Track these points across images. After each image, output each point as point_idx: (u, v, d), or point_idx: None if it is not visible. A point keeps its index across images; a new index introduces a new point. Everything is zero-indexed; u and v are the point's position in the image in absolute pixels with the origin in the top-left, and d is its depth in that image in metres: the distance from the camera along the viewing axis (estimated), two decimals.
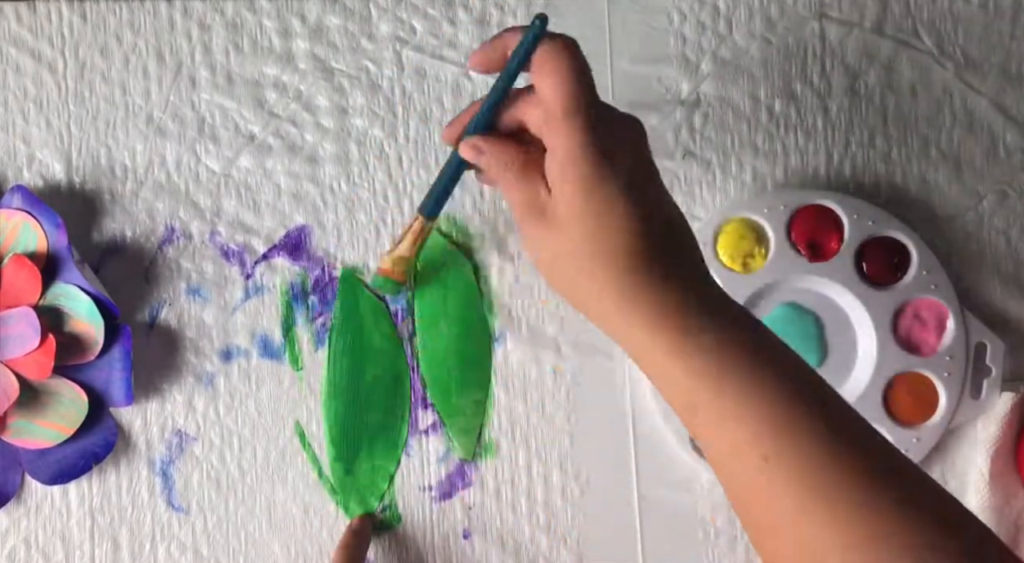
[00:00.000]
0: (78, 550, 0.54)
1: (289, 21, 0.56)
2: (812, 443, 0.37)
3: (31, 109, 0.55)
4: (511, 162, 0.40)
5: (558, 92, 0.38)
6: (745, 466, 0.38)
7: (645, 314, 0.39)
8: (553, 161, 0.39)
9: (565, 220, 0.39)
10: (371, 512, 0.55)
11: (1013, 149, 0.57)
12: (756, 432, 0.37)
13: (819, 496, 0.36)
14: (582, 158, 0.38)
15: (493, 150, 0.41)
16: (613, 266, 0.39)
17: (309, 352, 0.55)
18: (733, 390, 0.38)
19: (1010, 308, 0.57)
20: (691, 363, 0.39)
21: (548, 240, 0.40)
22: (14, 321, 0.52)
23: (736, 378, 0.38)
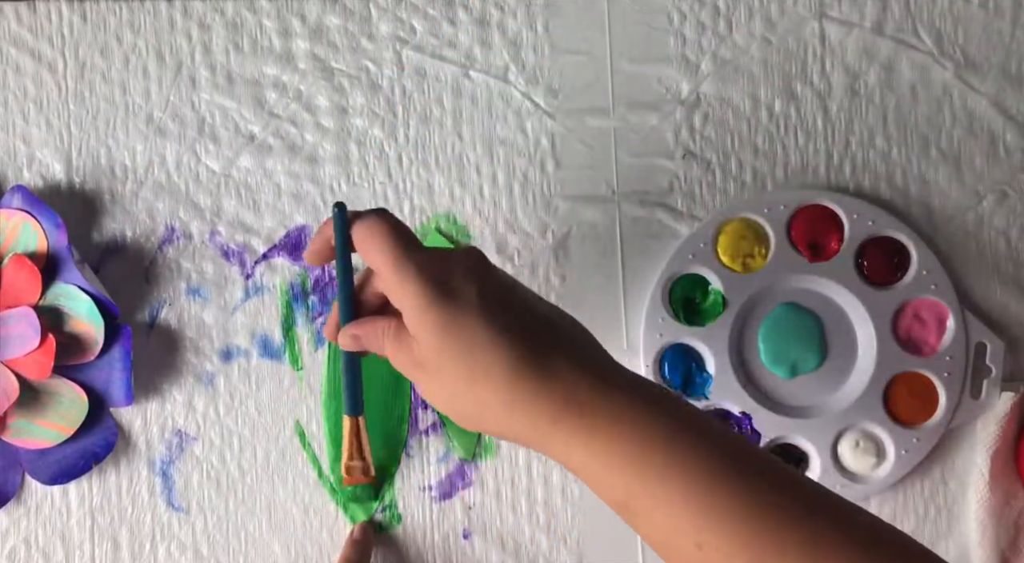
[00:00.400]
0: (78, 550, 0.54)
1: (289, 21, 0.56)
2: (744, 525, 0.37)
3: (31, 109, 0.55)
4: (383, 333, 0.43)
5: (380, 261, 0.41)
6: (685, 555, 0.38)
7: (543, 420, 0.39)
8: (407, 320, 0.41)
9: (436, 363, 0.40)
10: (370, 519, 0.55)
11: (1013, 149, 0.57)
12: (686, 521, 0.37)
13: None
14: (425, 307, 0.40)
15: (366, 332, 0.44)
16: (495, 386, 0.39)
17: (309, 352, 0.55)
18: (656, 479, 0.38)
19: (1010, 308, 0.57)
20: (605, 457, 0.39)
21: (435, 387, 0.41)
22: (14, 321, 0.52)
23: (658, 467, 0.38)
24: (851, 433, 0.55)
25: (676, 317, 0.55)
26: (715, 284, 0.55)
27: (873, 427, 0.55)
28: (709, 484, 0.37)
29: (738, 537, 0.36)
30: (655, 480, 0.38)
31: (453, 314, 0.40)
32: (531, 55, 0.57)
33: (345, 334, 0.45)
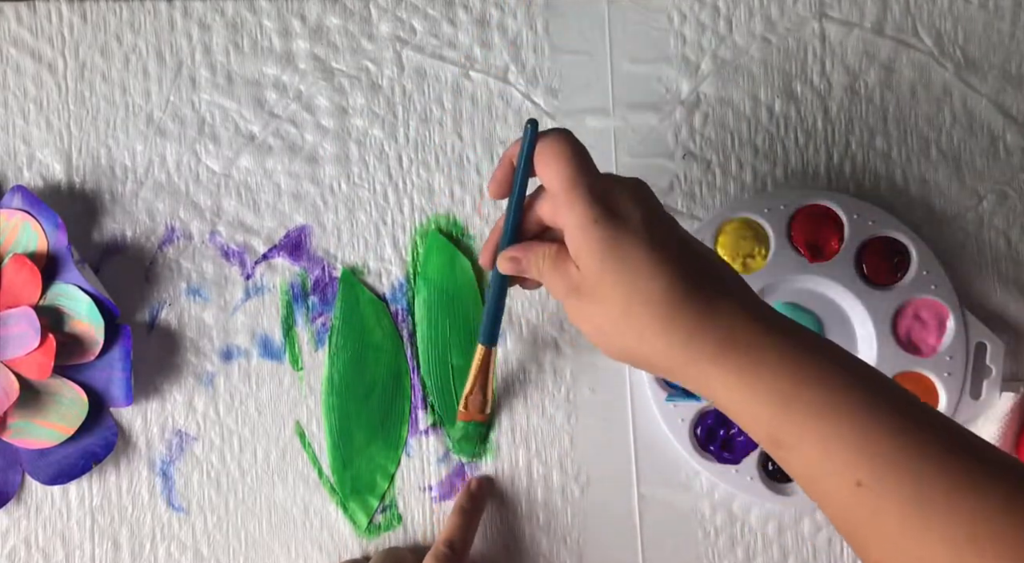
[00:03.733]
0: (78, 550, 0.54)
1: (289, 21, 0.56)
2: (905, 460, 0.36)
3: (31, 109, 0.55)
4: (543, 257, 0.43)
5: (557, 177, 0.41)
6: (840, 493, 0.37)
7: (703, 353, 0.39)
8: (569, 239, 0.41)
9: (594, 288, 0.41)
10: (370, 520, 0.55)
11: (1013, 149, 0.57)
12: (843, 458, 0.37)
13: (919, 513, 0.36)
14: (591, 226, 0.40)
15: (526, 255, 0.44)
16: (652, 315, 0.40)
17: (309, 352, 0.55)
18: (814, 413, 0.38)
19: (1010, 308, 0.56)
20: (765, 393, 0.39)
21: (588, 313, 0.42)
22: (14, 321, 0.52)
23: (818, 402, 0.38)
24: None
25: None
26: None
27: None
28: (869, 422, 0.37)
29: (896, 476, 0.36)
30: (815, 415, 0.38)
31: (618, 236, 0.40)
32: (531, 55, 0.57)
33: (505, 256, 0.45)
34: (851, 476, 0.37)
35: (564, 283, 0.42)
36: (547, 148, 0.42)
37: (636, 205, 0.41)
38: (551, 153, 0.42)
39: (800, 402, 0.38)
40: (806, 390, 0.38)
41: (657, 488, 0.55)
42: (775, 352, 0.39)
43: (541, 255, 0.43)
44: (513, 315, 0.55)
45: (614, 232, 0.40)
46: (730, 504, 0.55)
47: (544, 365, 0.55)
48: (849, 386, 0.38)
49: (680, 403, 0.55)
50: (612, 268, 0.40)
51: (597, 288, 0.41)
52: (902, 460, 0.36)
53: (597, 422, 0.55)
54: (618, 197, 0.41)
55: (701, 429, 0.55)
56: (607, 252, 0.40)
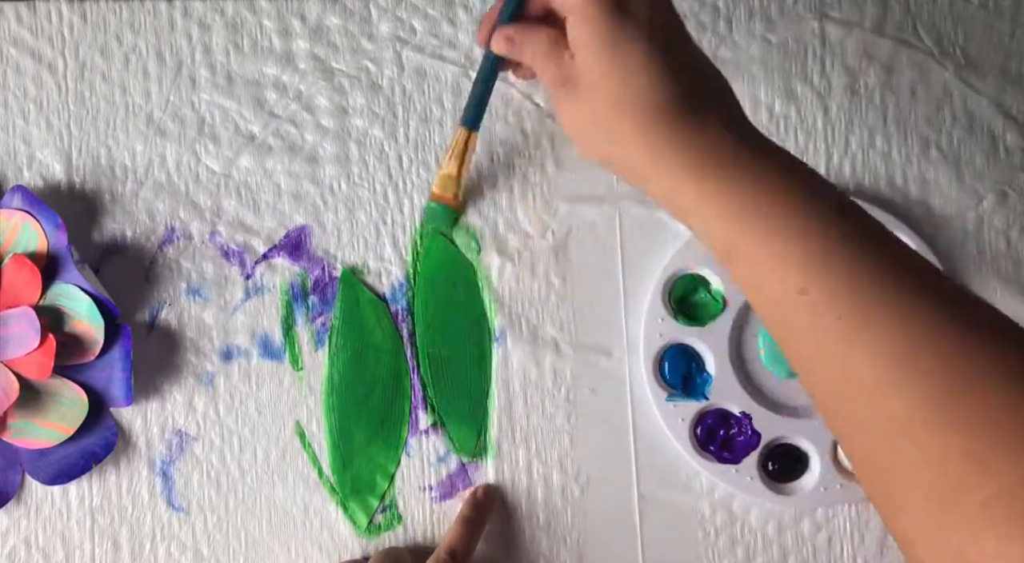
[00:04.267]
0: (78, 550, 0.54)
1: (289, 21, 0.56)
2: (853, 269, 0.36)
3: (31, 109, 0.55)
4: (541, 41, 0.42)
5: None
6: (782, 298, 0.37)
7: (678, 165, 0.39)
8: (571, 27, 0.40)
9: (589, 82, 0.39)
10: (369, 520, 0.55)
11: (1013, 149, 0.57)
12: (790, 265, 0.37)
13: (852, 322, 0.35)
14: (596, 17, 0.39)
15: (523, 35, 0.43)
16: (638, 119, 0.39)
17: (309, 352, 0.55)
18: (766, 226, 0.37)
19: (1010, 308, 0.56)
20: (727, 205, 0.38)
21: (574, 107, 0.40)
22: (14, 321, 0.52)
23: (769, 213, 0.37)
24: None
25: (676, 317, 0.55)
26: (715, 284, 0.55)
27: None
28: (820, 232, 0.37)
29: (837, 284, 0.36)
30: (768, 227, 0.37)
31: (621, 30, 0.39)
32: None
33: (501, 34, 0.43)
34: (795, 282, 0.36)
35: (557, 72, 0.41)
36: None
37: (648, 7, 0.39)
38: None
39: (758, 213, 0.37)
40: (766, 202, 0.38)
41: (657, 488, 0.55)
42: (746, 169, 0.38)
43: (538, 38, 0.42)
44: (513, 315, 0.55)
45: (619, 27, 0.39)
46: (730, 504, 0.55)
47: (544, 365, 0.55)
48: (808, 200, 0.37)
49: (680, 403, 0.55)
50: (609, 64, 0.39)
51: (589, 82, 0.39)
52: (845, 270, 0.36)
53: (597, 422, 0.55)
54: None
55: (701, 429, 0.55)
56: (607, 46, 0.39)
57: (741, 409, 0.55)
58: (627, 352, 0.56)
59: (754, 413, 0.54)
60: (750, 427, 0.54)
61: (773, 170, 0.39)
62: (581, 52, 0.40)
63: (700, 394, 0.55)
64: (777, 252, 0.37)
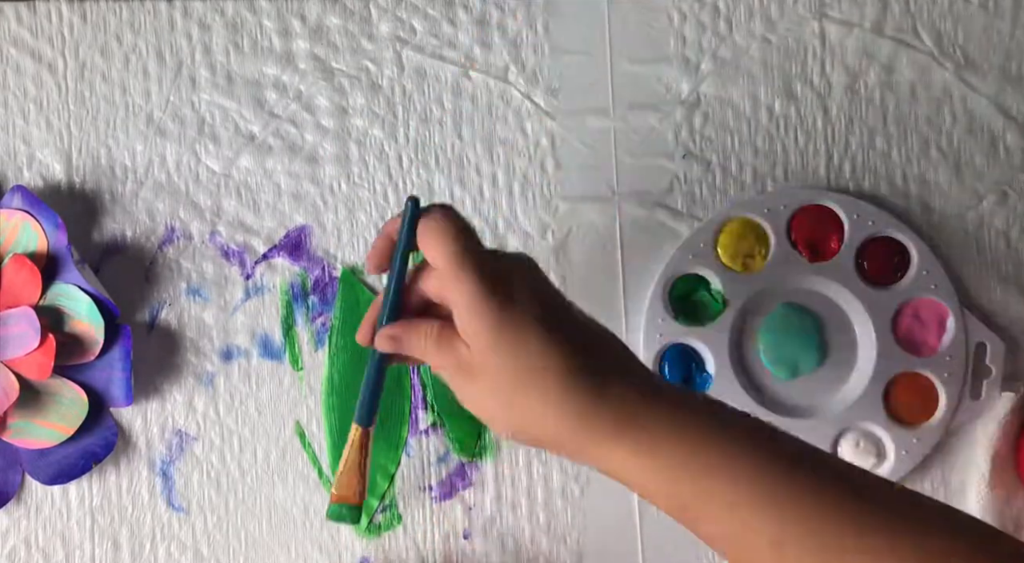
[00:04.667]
0: (78, 550, 0.54)
1: (289, 21, 0.56)
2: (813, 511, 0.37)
3: (31, 109, 0.55)
4: (427, 335, 0.42)
5: (442, 255, 0.40)
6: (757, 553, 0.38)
7: (600, 433, 0.39)
8: (458, 318, 0.40)
9: (487, 369, 0.40)
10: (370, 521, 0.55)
11: (1013, 149, 0.57)
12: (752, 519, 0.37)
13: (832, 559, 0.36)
14: (481, 305, 0.39)
15: (407, 332, 0.42)
16: (544, 396, 0.39)
17: (309, 352, 0.55)
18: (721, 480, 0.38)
19: (1010, 308, 0.56)
20: (667, 469, 0.39)
21: (478, 393, 0.41)
22: (14, 321, 0.52)
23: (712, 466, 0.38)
24: (851, 433, 0.55)
25: (676, 317, 0.55)
26: (715, 284, 0.55)
27: (873, 427, 0.55)
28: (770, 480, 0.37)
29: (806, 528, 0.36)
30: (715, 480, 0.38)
31: (509, 312, 0.39)
32: (531, 55, 0.57)
33: (384, 334, 0.43)
34: (764, 536, 0.37)
35: (452, 362, 0.41)
36: (431, 225, 0.41)
37: (526, 282, 0.40)
38: (436, 230, 0.41)
39: (699, 469, 0.38)
40: (703, 456, 0.38)
41: None
42: (669, 423, 0.39)
43: (424, 333, 0.42)
44: None
45: (506, 313, 0.39)
46: None
47: None
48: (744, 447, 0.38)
49: None
50: (503, 346, 0.39)
51: (488, 367, 0.40)
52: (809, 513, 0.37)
53: None
54: (507, 274, 0.40)
55: None
56: (498, 330, 0.39)
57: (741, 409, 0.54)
58: None
59: (754, 413, 0.54)
60: None
61: (695, 417, 0.39)
62: (474, 340, 0.40)
63: None
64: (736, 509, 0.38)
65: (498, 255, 0.42)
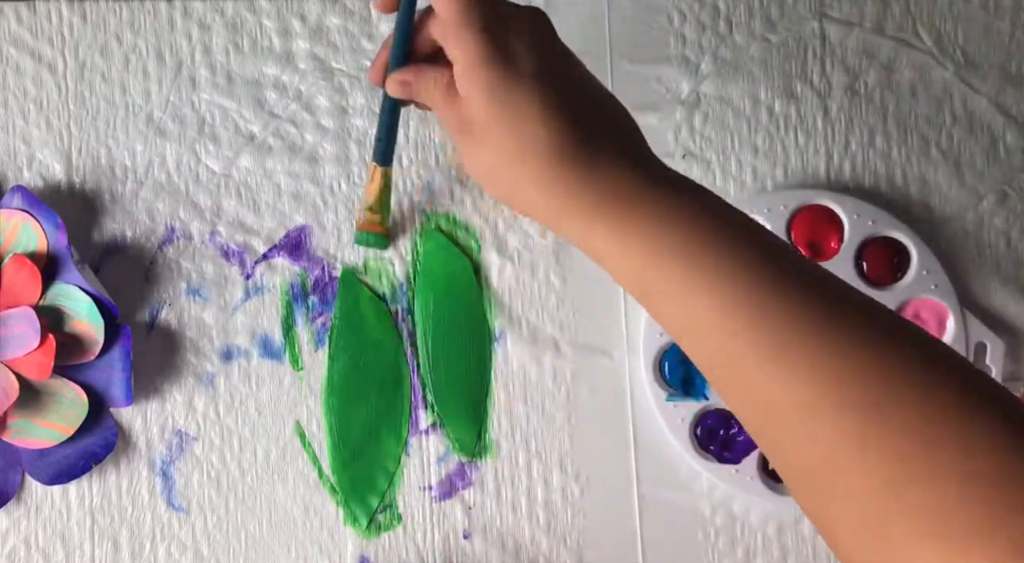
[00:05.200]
0: (78, 550, 0.54)
1: (289, 21, 0.56)
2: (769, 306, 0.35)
3: (31, 109, 0.55)
4: (435, 85, 0.41)
5: (448, 4, 0.39)
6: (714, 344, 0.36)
7: (583, 206, 0.38)
8: (457, 76, 0.39)
9: (483, 128, 0.39)
10: (371, 520, 0.55)
11: (1013, 149, 0.57)
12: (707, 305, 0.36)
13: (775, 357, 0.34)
14: (480, 63, 0.38)
15: (417, 79, 0.42)
16: (538, 164, 0.38)
17: (309, 352, 0.55)
18: (682, 263, 0.36)
19: (1010, 308, 0.57)
20: (639, 246, 0.37)
21: (477, 152, 0.40)
22: (14, 321, 0.52)
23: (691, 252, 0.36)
24: None
25: None
26: None
27: None
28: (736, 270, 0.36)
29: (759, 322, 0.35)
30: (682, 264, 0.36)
31: (508, 78, 0.38)
32: None
33: (394, 79, 0.42)
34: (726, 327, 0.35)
35: (455, 118, 0.40)
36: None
37: (531, 42, 0.39)
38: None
39: (668, 250, 0.37)
40: (676, 238, 0.37)
41: (657, 488, 0.55)
42: (652, 203, 0.37)
43: (433, 82, 0.41)
44: (513, 315, 0.55)
45: (504, 74, 0.38)
46: (730, 504, 0.55)
47: (544, 365, 0.55)
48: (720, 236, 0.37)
49: (680, 403, 0.55)
50: (500, 112, 0.38)
51: (486, 130, 0.39)
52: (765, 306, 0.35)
53: (597, 422, 0.55)
54: (512, 32, 0.39)
55: (701, 429, 0.55)
56: (495, 95, 0.38)
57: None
58: (627, 352, 0.56)
59: None
60: None
61: (681, 201, 0.38)
62: (469, 101, 0.39)
63: (700, 394, 0.55)
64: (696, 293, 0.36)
65: (508, 8, 0.40)
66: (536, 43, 0.39)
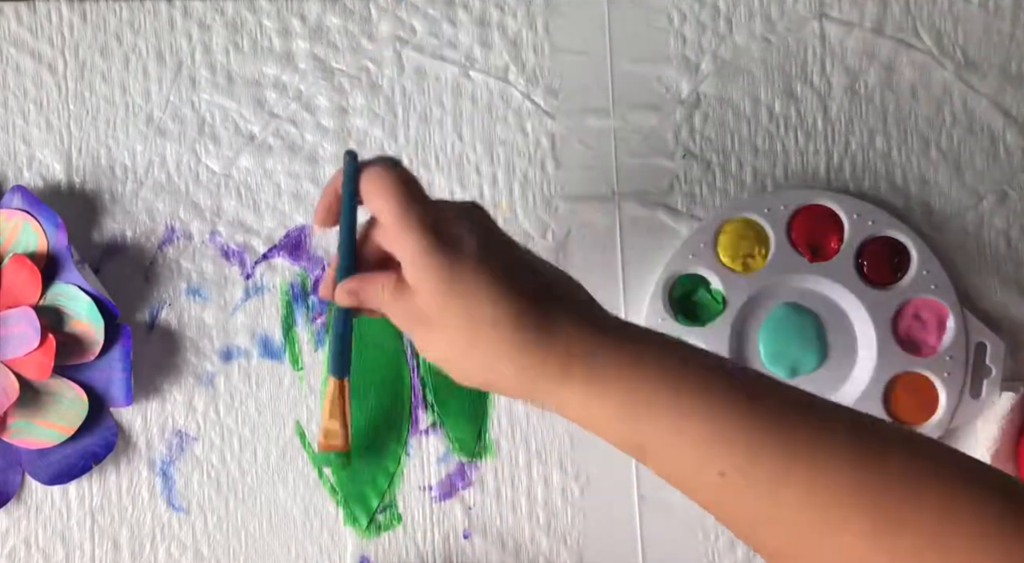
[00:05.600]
0: (78, 550, 0.54)
1: (289, 21, 0.56)
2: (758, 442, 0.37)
3: (31, 109, 0.55)
4: (383, 287, 0.42)
5: (386, 209, 0.40)
6: (707, 486, 0.38)
7: (548, 374, 0.39)
8: (406, 273, 0.40)
9: (438, 317, 0.40)
10: (371, 519, 0.55)
11: (1013, 149, 0.57)
12: (699, 453, 0.37)
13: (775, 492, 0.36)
14: (426, 255, 0.39)
15: (364, 287, 0.43)
16: (498, 340, 0.39)
17: (309, 352, 0.55)
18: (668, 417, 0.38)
19: (1010, 308, 0.57)
20: (616, 406, 0.39)
21: (435, 343, 0.41)
22: (14, 321, 0.52)
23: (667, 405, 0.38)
24: None
25: (676, 317, 0.55)
26: (715, 284, 0.55)
27: None
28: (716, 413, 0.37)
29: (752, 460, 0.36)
30: (672, 421, 0.38)
31: (453, 265, 0.39)
32: (531, 55, 0.57)
33: (343, 289, 0.43)
34: (712, 469, 0.37)
35: (407, 313, 0.41)
36: (372, 181, 0.41)
37: (470, 230, 0.40)
38: (376, 186, 0.41)
39: (644, 405, 0.38)
40: (647, 392, 0.38)
41: (657, 488, 0.55)
42: (613, 359, 0.39)
43: (380, 286, 0.42)
44: None
45: (449, 261, 0.39)
46: None
47: None
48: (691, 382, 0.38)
49: None
50: (452, 298, 0.39)
51: (440, 318, 0.40)
52: (755, 444, 0.37)
53: None
54: (451, 224, 0.40)
55: None
56: (444, 282, 0.39)
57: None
58: None
59: None
60: None
61: (640, 352, 0.39)
62: (421, 292, 0.40)
63: None
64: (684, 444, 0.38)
65: (444, 206, 0.42)
66: (478, 229, 0.41)
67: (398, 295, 0.41)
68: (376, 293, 0.42)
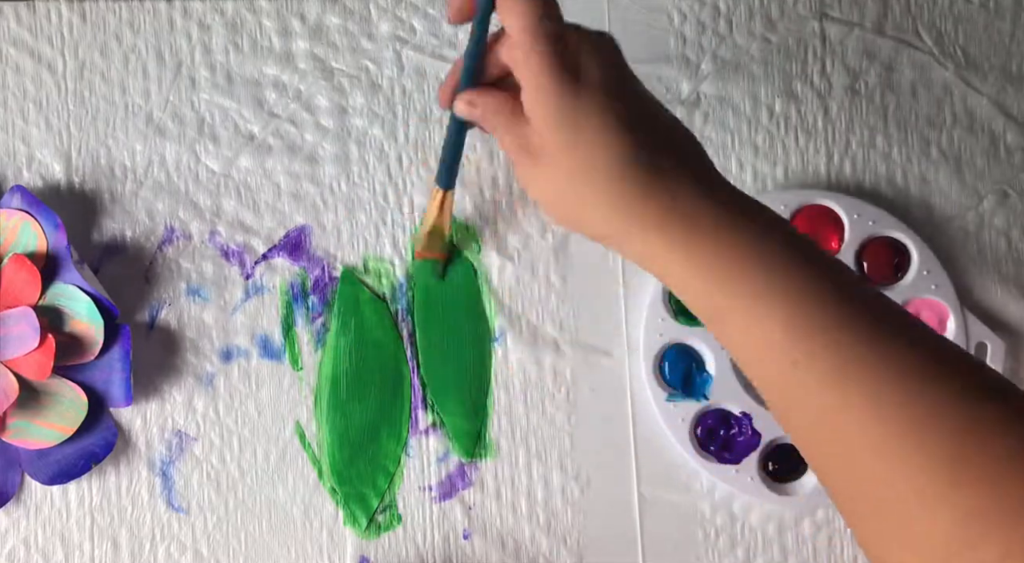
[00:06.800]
0: (78, 550, 0.54)
1: (289, 21, 0.56)
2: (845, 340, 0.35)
3: (31, 109, 0.55)
4: (500, 108, 0.41)
5: (518, 23, 0.39)
6: (774, 371, 0.36)
7: (646, 222, 0.38)
8: (525, 97, 0.39)
9: (549, 150, 0.39)
10: (371, 519, 0.55)
11: (1013, 149, 0.57)
12: (781, 335, 0.36)
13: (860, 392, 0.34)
14: (548, 85, 0.38)
15: (483, 101, 0.41)
16: (603, 181, 0.38)
17: (309, 352, 0.55)
18: (751, 290, 0.36)
19: (1010, 308, 0.57)
20: (702, 266, 0.37)
21: (540, 176, 0.40)
22: (14, 321, 0.52)
23: (752, 277, 0.36)
24: None
25: (676, 317, 0.55)
26: None
27: None
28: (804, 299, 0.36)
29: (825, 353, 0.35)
30: (754, 294, 0.36)
31: (575, 100, 0.38)
32: None
33: (463, 99, 0.42)
34: (786, 355, 0.36)
35: (517, 142, 0.40)
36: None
37: (599, 65, 0.39)
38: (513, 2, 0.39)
39: (734, 275, 0.37)
40: (742, 262, 0.37)
41: (657, 488, 0.55)
42: (714, 223, 0.37)
43: (499, 105, 0.41)
44: (513, 315, 0.55)
45: (572, 95, 0.38)
46: (730, 504, 0.55)
47: (544, 365, 0.55)
48: (787, 262, 0.37)
49: (680, 403, 0.55)
50: (565, 133, 0.38)
51: (548, 151, 0.39)
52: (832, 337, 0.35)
53: (597, 422, 0.55)
54: (581, 54, 0.39)
55: (701, 429, 0.55)
56: (562, 116, 0.38)
57: (741, 409, 0.55)
58: (627, 352, 0.56)
59: (754, 413, 0.54)
60: (750, 427, 0.54)
61: (745, 223, 0.38)
62: (537, 123, 0.39)
63: (700, 394, 0.55)
64: (764, 323, 0.36)
65: (576, 32, 0.40)
66: (603, 63, 0.39)
67: (513, 119, 0.40)
68: (492, 113, 0.41)
